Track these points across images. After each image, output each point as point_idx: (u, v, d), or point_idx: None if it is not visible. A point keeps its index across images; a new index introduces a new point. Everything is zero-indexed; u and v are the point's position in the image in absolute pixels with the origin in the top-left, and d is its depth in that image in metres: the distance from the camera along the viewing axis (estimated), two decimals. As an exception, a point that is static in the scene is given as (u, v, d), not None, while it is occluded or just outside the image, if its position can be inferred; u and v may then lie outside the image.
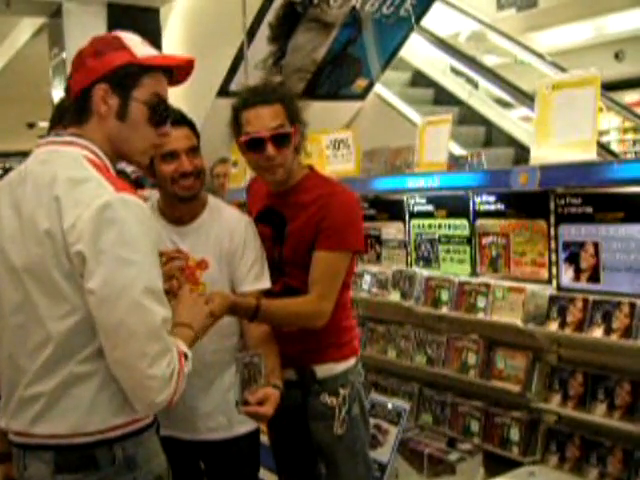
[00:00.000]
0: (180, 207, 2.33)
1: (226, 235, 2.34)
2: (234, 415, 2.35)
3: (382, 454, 2.98)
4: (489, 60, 8.27)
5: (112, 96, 1.67)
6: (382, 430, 3.05)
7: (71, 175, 1.60)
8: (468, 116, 7.05)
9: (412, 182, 3.23)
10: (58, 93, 6.59)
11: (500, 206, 3.03)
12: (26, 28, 7.52)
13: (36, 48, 7.32)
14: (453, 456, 2.88)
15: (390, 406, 3.07)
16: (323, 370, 2.42)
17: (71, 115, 1.73)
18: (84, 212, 1.54)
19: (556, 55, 7.76)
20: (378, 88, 7.18)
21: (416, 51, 7.58)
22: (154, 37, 6.68)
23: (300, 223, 2.34)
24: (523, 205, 2.93)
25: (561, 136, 2.71)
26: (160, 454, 1.79)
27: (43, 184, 1.61)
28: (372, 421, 3.06)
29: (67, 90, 1.77)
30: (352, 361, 2.47)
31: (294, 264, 2.37)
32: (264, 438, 2.62)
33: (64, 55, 6.27)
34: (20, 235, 1.62)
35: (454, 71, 7.47)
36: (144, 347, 1.55)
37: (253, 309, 2.19)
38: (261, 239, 2.41)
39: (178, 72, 1.78)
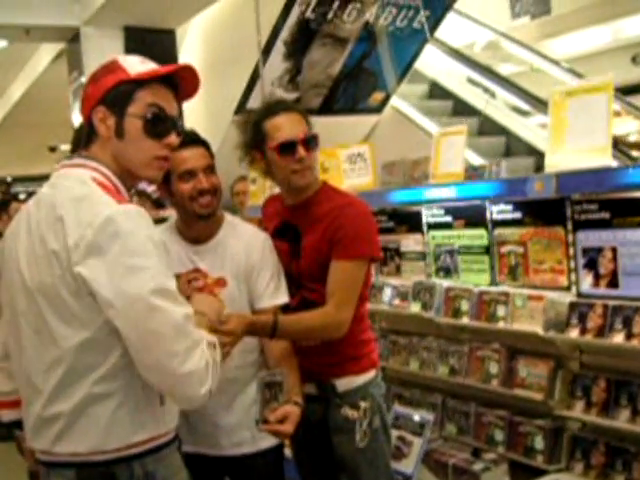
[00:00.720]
0: (198, 226, 2.37)
1: (243, 252, 2.37)
2: (258, 429, 2.39)
3: (407, 466, 2.98)
4: (505, 69, 8.27)
5: (109, 116, 1.70)
6: (406, 442, 3.05)
7: (72, 194, 1.64)
8: (487, 126, 7.05)
9: (428, 193, 3.24)
10: (78, 116, 6.70)
11: (517, 214, 3.03)
12: (46, 54, 7.66)
13: (56, 73, 7.45)
14: (478, 466, 2.87)
15: (414, 417, 3.07)
16: (343, 383, 2.43)
17: (79, 141, 1.82)
18: (87, 231, 1.56)
19: (572, 61, 7.73)
20: (395, 101, 7.21)
21: (432, 63, 7.60)
22: (170, 58, 6.77)
23: (315, 236, 2.37)
24: (540, 213, 2.94)
25: (576, 142, 2.71)
26: (182, 471, 1.80)
27: (50, 206, 1.65)
28: (396, 433, 3.07)
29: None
30: (372, 374, 2.48)
31: (311, 277, 2.39)
32: (288, 451, 2.63)
33: (83, 79, 6.37)
34: (33, 256, 1.66)
35: (471, 81, 7.47)
36: (172, 347, 1.56)
37: (271, 327, 2.21)
38: (278, 254, 2.44)
39: (184, 83, 1.78)
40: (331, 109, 6.94)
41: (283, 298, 2.39)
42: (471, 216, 3.25)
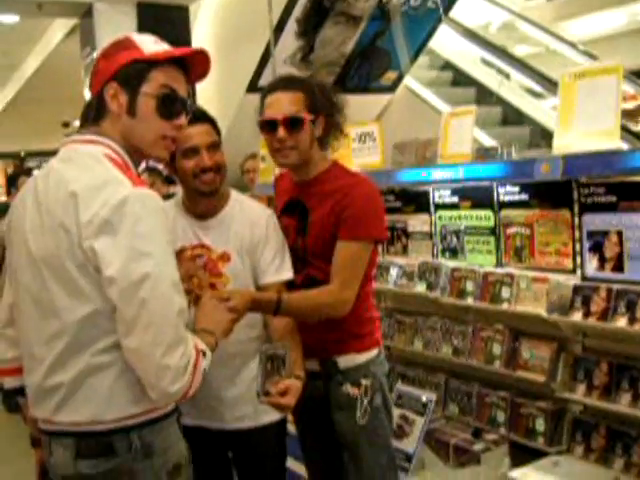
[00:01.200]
0: (202, 202, 2.38)
1: (247, 228, 2.39)
2: (260, 404, 2.40)
3: (408, 444, 3.00)
4: (521, 50, 8.19)
5: (121, 93, 1.73)
6: (409, 421, 3.06)
7: (88, 172, 1.66)
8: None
9: (436, 174, 3.23)
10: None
11: (524, 196, 3.02)
12: (59, 29, 7.65)
13: (69, 48, 7.44)
14: (478, 446, 2.89)
15: (416, 397, 3.08)
16: (345, 361, 2.45)
17: (92, 115, 1.79)
18: (102, 210, 1.59)
19: (589, 43, 7.64)
20: (408, 80, 7.16)
21: (447, 43, 7.54)
22: (184, 35, 6.74)
23: (322, 213, 2.37)
24: (547, 195, 2.93)
25: (584, 125, 2.69)
26: (179, 442, 1.82)
27: (62, 181, 1.67)
28: (398, 411, 3.09)
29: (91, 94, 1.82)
30: (374, 352, 2.49)
31: (317, 255, 2.40)
32: (291, 428, 2.66)
33: (95, 55, 6.35)
34: (40, 227, 1.68)
35: (485, 62, 7.41)
36: (159, 336, 1.59)
37: (275, 303, 2.22)
38: (285, 230, 2.45)
39: (195, 66, 1.82)
40: (344, 87, 6.88)
41: (287, 274, 2.40)
42: (478, 197, 3.25)
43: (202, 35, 7.16)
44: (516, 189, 3.05)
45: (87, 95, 6.73)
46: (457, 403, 3.24)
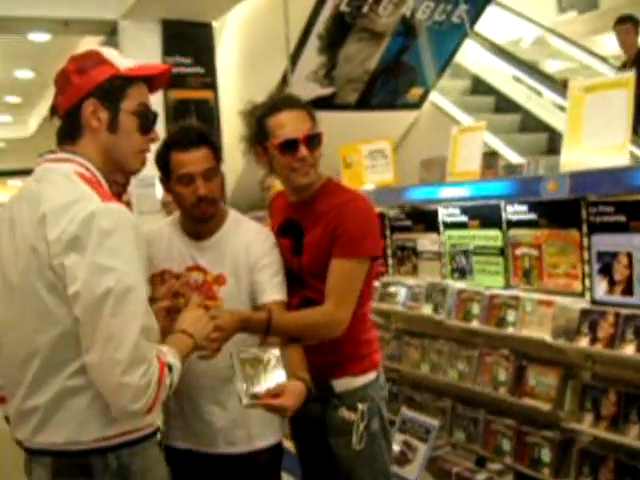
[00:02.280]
0: (198, 224, 2.33)
1: (243, 249, 2.32)
2: (253, 429, 2.33)
3: (410, 472, 2.90)
4: (554, 65, 8.05)
5: (102, 110, 1.72)
6: (412, 447, 2.97)
7: (56, 190, 1.65)
8: (529, 123, 6.86)
9: (443, 192, 3.14)
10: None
11: (532, 215, 2.90)
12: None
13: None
14: (481, 476, 2.77)
15: (420, 423, 2.98)
16: (341, 384, 2.36)
17: (63, 133, 1.77)
18: (69, 226, 1.58)
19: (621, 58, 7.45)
20: (435, 97, 7.07)
21: (475, 58, 7.44)
22: (208, 51, 6.77)
23: (316, 233, 2.31)
24: (555, 214, 2.81)
25: (593, 140, 2.58)
26: (159, 465, 1.81)
27: (33, 202, 1.66)
28: (401, 437, 2.99)
29: (52, 110, 1.80)
30: (372, 375, 2.40)
31: (313, 275, 2.32)
32: (289, 445, 2.58)
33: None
34: (14, 253, 1.68)
35: (516, 79, 7.27)
36: (118, 354, 1.56)
37: (265, 323, 2.17)
38: (281, 252, 2.38)
39: (156, 81, 1.85)
40: (368, 104, 6.85)
41: (285, 296, 2.33)
42: (486, 216, 3.14)
43: (226, 52, 7.18)
44: (524, 208, 2.93)
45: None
46: (463, 429, 3.11)
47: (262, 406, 2.00)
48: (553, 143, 6.63)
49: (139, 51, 6.45)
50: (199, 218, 2.29)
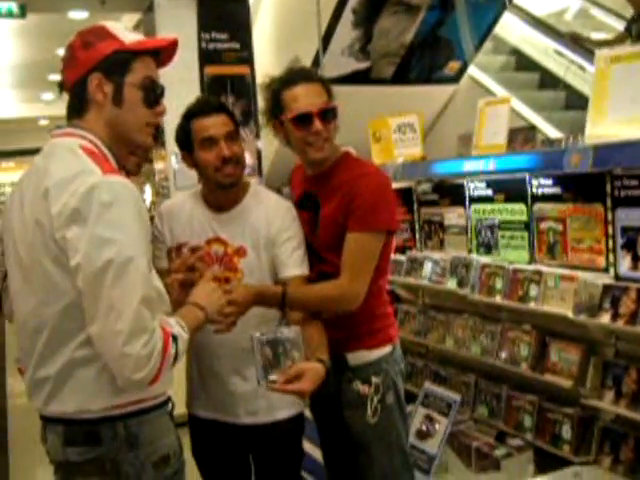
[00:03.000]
0: (221, 194, 2.35)
1: (264, 221, 2.34)
2: (274, 399, 2.35)
3: (432, 445, 2.90)
4: (598, 37, 7.82)
5: (107, 83, 1.74)
6: (433, 421, 2.96)
7: (60, 165, 1.67)
8: (573, 100, 6.68)
9: (468, 165, 3.09)
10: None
11: (557, 189, 2.85)
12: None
13: (136, 42, 7.58)
14: (500, 451, 2.75)
15: (442, 397, 2.97)
16: (355, 357, 2.38)
17: (71, 108, 1.80)
18: (71, 199, 1.60)
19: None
20: (474, 71, 6.95)
21: (515, 32, 7.27)
22: (244, 28, 6.71)
23: (332, 206, 2.31)
24: (579, 188, 2.75)
25: (618, 112, 2.51)
26: (169, 434, 1.82)
27: (39, 177, 1.70)
28: (424, 411, 2.99)
29: (60, 86, 1.83)
30: (387, 349, 2.41)
31: (329, 249, 2.33)
32: (308, 413, 2.59)
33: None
34: (23, 227, 1.72)
35: (558, 53, 7.10)
36: (119, 325, 1.58)
37: (280, 297, 2.19)
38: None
39: (164, 54, 1.85)
40: (405, 78, 6.75)
41: (306, 269, 2.33)
42: (511, 190, 3.09)
43: (262, 28, 7.15)
44: (549, 182, 2.88)
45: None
46: (486, 405, 3.09)
47: (280, 390, 2.01)
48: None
49: (175, 27, 6.45)
50: (223, 183, 2.29)
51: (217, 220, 2.37)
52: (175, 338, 1.70)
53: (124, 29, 1.80)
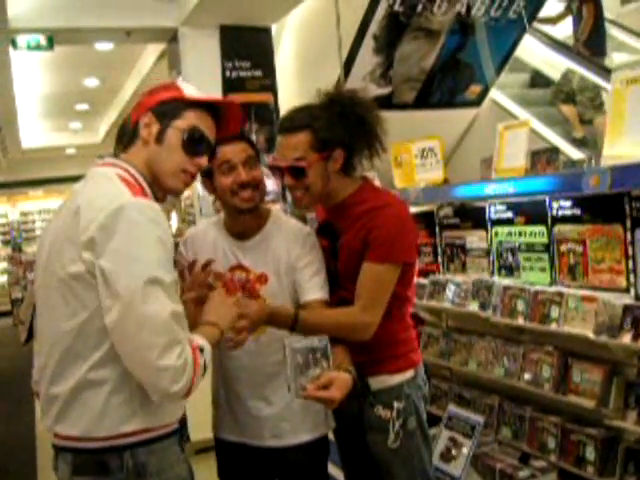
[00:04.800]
0: (242, 219, 2.39)
1: (284, 248, 2.38)
2: (299, 422, 2.39)
3: (455, 468, 2.91)
4: (619, 58, 7.84)
5: (155, 123, 1.83)
6: (457, 443, 2.97)
7: (94, 190, 1.75)
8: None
9: (488, 189, 3.12)
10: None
11: (576, 211, 2.87)
12: (151, 54, 7.97)
13: (161, 72, 7.73)
14: (524, 473, 2.75)
15: (465, 419, 2.98)
16: (377, 382, 2.39)
17: (117, 141, 1.91)
18: (99, 216, 1.65)
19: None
20: (494, 94, 6.99)
21: (533, 52, 7.33)
22: (267, 55, 6.86)
23: (350, 236, 2.34)
24: (599, 209, 2.77)
25: (635, 133, 2.53)
26: (179, 464, 1.82)
27: (74, 198, 1.76)
28: (448, 434, 2.99)
29: (124, 122, 1.93)
30: (409, 374, 2.42)
31: (347, 277, 2.36)
32: (332, 436, 2.60)
33: (180, 77, 6.57)
34: (54, 243, 1.77)
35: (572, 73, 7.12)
36: (152, 338, 1.61)
37: (292, 318, 2.21)
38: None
39: (229, 119, 1.98)
40: (427, 103, 6.79)
41: (326, 294, 2.36)
42: (532, 212, 3.11)
43: (285, 55, 7.27)
44: (568, 203, 2.90)
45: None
46: (509, 426, 3.10)
47: (310, 397, 2.02)
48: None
49: (199, 56, 6.61)
50: (241, 207, 2.33)
51: (240, 247, 2.42)
52: (202, 349, 1.73)
53: (193, 89, 1.91)
